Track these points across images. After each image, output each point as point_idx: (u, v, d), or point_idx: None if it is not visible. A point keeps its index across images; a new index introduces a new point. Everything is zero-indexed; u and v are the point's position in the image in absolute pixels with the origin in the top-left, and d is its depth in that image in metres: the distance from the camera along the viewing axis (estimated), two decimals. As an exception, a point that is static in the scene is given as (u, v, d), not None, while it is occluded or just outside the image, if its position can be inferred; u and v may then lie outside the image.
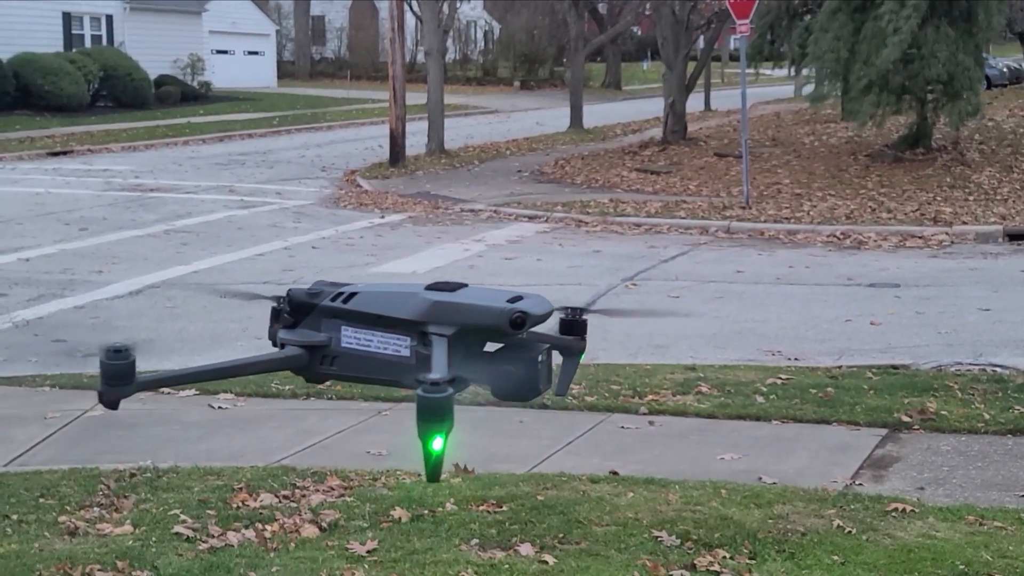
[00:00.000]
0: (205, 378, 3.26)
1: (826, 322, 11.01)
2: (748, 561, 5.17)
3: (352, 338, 3.14)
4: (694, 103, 35.53)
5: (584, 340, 3.31)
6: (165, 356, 9.60)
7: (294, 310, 3.23)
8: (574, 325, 3.31)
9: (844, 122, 27.15)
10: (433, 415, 2.83)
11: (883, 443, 7.11)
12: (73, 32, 41.11)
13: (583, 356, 3.36)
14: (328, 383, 3.36)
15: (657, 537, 5.40)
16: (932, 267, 14.08)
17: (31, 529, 5.52)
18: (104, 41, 42.06)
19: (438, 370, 2.87)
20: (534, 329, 3.13)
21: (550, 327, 3.23)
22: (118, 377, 3.01)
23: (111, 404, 3.01)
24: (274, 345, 3.28)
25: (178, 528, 5.49)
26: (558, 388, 3.33)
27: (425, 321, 3.04)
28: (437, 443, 2.89)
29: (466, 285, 3.12)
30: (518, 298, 3.04)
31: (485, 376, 3.13)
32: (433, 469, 2.95)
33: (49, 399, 8.07)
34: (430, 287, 3.10)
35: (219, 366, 3.22)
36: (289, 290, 3.25)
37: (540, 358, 3.13)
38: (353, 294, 3.15)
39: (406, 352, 3.07)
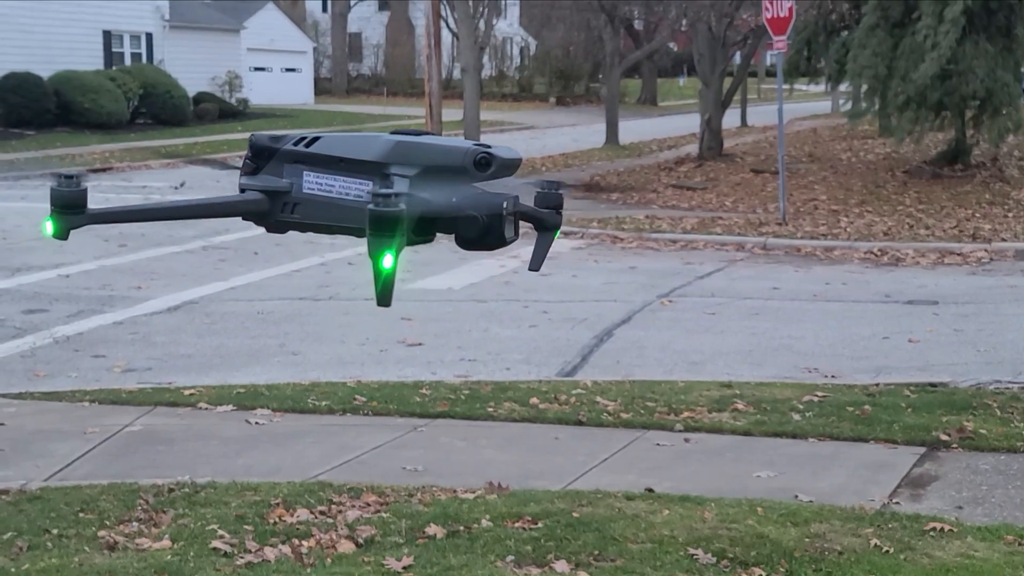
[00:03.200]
0: (161, 216, 3.22)
1: (863, 339, 10.95)
2: (784, 580, 5.15)
3: (313, 183, 3.16)
4: (730, 119, 35.45)
5: (560, 215, 3.31)
6: (203, 372, 9.68)
7: (256, 155, 3.22)
8: (549, 198, 3.32)
9: (881, 138, 27.04)
10: (384, 229, 2.85)
11: (921, 462, 7.07)
12: (113, 50, 41.51)
13: (558, 232, 3.35)
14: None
15: (693, 555, 5.40)
16: (971, 284, 13.98)
17: (71, 543, 5.57)
18: (144, 59, 42.45)
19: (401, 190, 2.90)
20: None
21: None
22: (69, 204, 2.96)
23: (61, 234, 2.94)
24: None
25: (215, 543, 5.53)
26: (532, 263, 3.34)
27: (388, 162, 3.07)
28: (387, 260, 2.89)
29: (431, 133, 3.17)
30: (486, 145, 3.09)
31: (448, 223, 3.14)
32: (383, 289, 2.94)
33: (89, 414, 8.14)
34: (394, 132, 3.16)
35: (177, 204, 3.19)
36: (252, 134, 3.27)
37: (505, 205, 3.13)
38: (317, 138, 3.19)
39: (367, 197, 3.09)
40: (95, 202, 2.37)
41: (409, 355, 10.32)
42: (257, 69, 53.42)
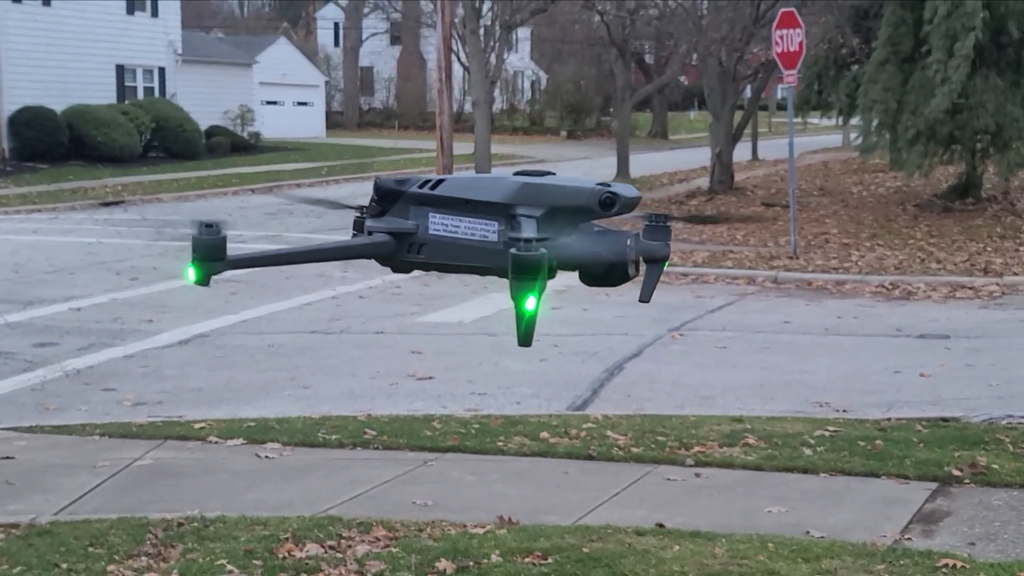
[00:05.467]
0: (295, 260, 3.25)
1: (875, 373, 10.92)
2: (796, 616, 5.12)
3: (439, 224, 3.13)
4: (741, 152, 35.52)
5: (668, 246, 3.27)
6: (214, 405, 9.68)
7: (381, 198, 3.21)
8: (659, 231, 3.28)
9: (892, 172, 27.09)
10: (527, 273, 2.83)
11: (933, 497, 7.04)
12: (126, 84, 41.78)
13: (666, 264, 3.32)
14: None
15: (704, 591, 5.36)
16: (983, 318, 13.94)
17: (80, 578, 5.56)
18: (156, 93, 42.72)
19: (529, 231, 2.90)
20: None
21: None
22: (210, 251, 2.99)
23: (203, 280, 2.98)
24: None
25: (224, 578, 5.51)
26: (643, 294, 3.31)
27: (514, 203, 3.04)
28: (531, 303, 2.87)
29: (553, 173, 3.16)
30: (607, 184, 3.08)
31: (574, 261, 3.12)
32: (526, 331, 2.92)
33: (99, 448, 8.14)
34: (518, 173, 3.13)
35: (309, 249, 3.21)
36: (376, 178, 3.27)
37: (629, 243, 3.12)
38: (441, 180, 3.17)
39: (494, 237, 3.06)
40: (106, 235, 2.38)
41: (419, 389, 10.32)
42: (269, 103, 53.73)
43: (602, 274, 3.14)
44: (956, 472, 7.38)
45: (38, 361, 11.28)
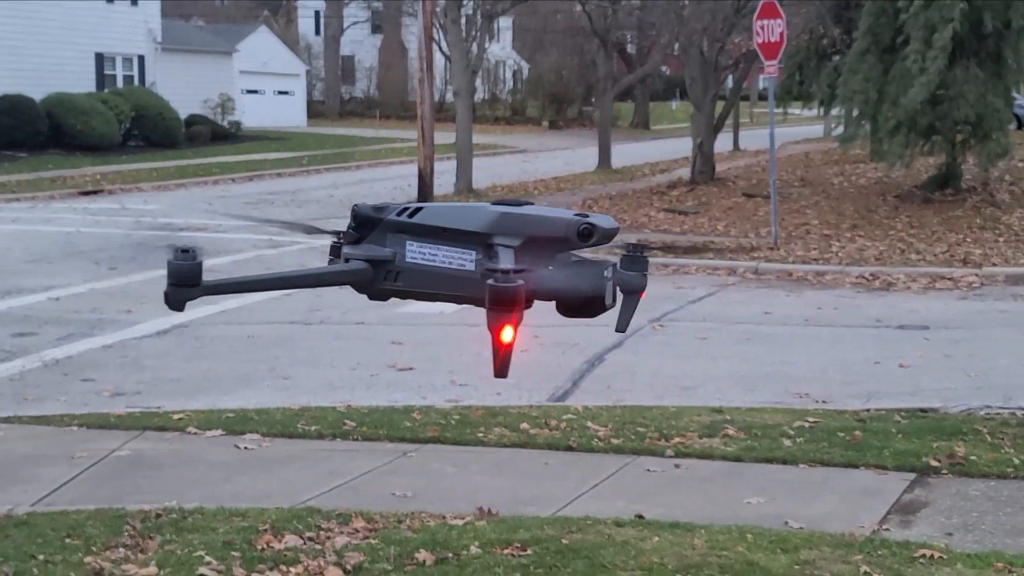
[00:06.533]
0: (270, 287, 3.25)
1: (855, 364, 10.95)
2: (774, 607, 5.13)
3: (417, 252, 3.14)
4: (723, 143, 35.55)
5: (645, 276, 3.29)
6: (192, 396, 9.65)
7: (359, 225, 3.21)
8: (636, 261, 3.30)
9: (873, 162, 27.14)
10: (503, 304, 2.84)
11: (911, 488, 7.06)
12: (105, 72, 41.61)
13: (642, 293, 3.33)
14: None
15: (682, 582, 5.37)
16: (962, 309, 14.00)
17: (57, 570, 5.54)
18: (136, 81, 42.54)
19: (507, 262, 2.91)
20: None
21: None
22: (185, 277, 3.02)
23: (177, 305, 3.00)
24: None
25: (202, 570, 5.50)
26: (619, 324, 3.32)
27: (491, 232, 3.05)
28: (507, 334, 2.88)
29: (532, 203, 3.17)
30: (584, 214, 3.09)
31: (552, 292, 3.13)
32: (502, 363, 2.93)
33: (77, 439, 8.10)
34: (496, 202, 3.14)
35: (284, 275, 3.23)
36: (355, 205, 3.27)
37: (607, 274, 3.14)
38: (419, 208, 3.17)
39: (471, 266, 3.07)
40: (85, 224, 2.36)
41: (400, 380, 10.30)
42: (250, 92, 53.54)
43: (579, 305, 3.15)
44: (934, 463, 7.41)
45: (16, 351, 11.23)
